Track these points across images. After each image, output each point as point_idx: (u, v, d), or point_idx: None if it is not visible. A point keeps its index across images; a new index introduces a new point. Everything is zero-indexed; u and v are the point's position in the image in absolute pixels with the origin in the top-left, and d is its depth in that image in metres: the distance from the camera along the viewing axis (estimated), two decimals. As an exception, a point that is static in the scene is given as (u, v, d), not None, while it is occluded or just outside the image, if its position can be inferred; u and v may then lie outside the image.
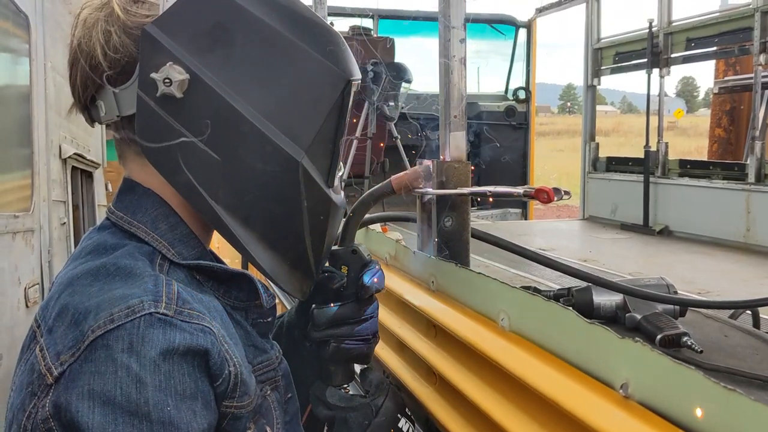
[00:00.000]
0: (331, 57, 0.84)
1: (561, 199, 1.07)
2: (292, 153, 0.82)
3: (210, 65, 0.80)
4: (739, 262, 3.11)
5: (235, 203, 0.83)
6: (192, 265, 0.84)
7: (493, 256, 2.77)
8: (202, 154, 0.81)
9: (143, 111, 0.81)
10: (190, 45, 0.80)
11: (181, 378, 0.71)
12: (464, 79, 1.22)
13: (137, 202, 0.86)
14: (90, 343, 0.70)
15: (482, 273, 1.05)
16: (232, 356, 0.77)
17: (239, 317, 0.88)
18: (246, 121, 0.80)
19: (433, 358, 1.19)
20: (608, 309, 1.52)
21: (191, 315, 0.75)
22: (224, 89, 0.80)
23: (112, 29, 0.82)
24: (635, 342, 0.68)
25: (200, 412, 0.72)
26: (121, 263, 0.78)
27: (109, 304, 0.72)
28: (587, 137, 4.61)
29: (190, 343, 0.72)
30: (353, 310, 1.06)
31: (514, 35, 5.91)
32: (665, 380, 0.63)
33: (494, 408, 0.96)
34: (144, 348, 0.70)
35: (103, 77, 0.83)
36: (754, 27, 3.39)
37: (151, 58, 0.80)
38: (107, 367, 0.69)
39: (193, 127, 0.80)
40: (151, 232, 0.84)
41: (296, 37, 0.83)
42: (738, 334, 1.60)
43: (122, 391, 0.68)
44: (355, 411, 1.05)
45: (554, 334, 0.84)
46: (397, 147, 4.90)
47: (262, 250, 0.85)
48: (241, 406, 0.79)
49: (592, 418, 0.72)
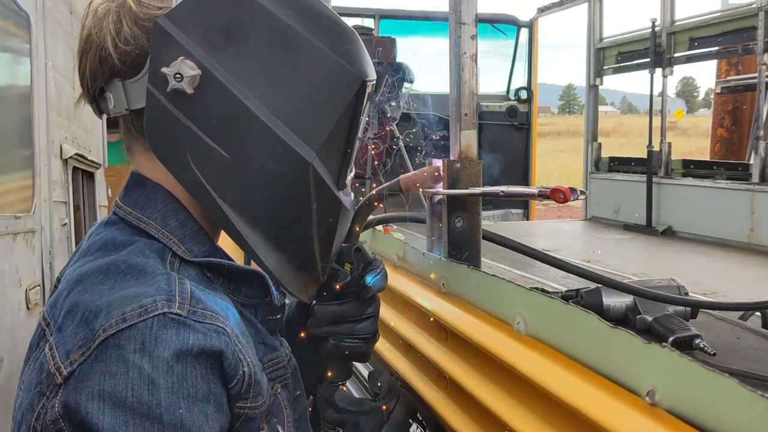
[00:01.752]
0: (346, 56, 0.82)
1: (577, 198, 1.05)
2: (303, 154, 0.80)
3: (222, 61, 0.78)
4: (744, 263, 3.10)
5: (243, 203, 0.81)
6: (203, 263, 0.82)
7: (497, 257, 2.75)
8: (211, 152, 0.79)
9: (153, 105, 0.79)
10: (202, 40, 0.78)
11: (194, 380, 0.69)
12: (475, 77, 1.20)
13: (146, 197, 0.84)
14: (101, 342, 0.68)
15: (496, 275, 1.03)
16: (246, 356, 0.75)
17: (249, 314, 0.87)
18: (257, 120, 0.79)
19: (443, 361, 1.17)
20: (618, 311, 1.50)
21: (205, 315, 0.73)
22: (236, 86, 0.78)
23: (123, 20, 0.80)
24: (662, 347, 0.65)
25: (212, 415, 0.70)
26: (133, 261, 0.76)
27: (121, 303, 0.70)
28: (589, 137, 4.60)
29: (204, 344, 0.70)
30: (354, 309, 1.05)
31: (515, 35, 5.89)
32: (695, 387, 0.61)
33: (509, 414, 0.94)
34: (157, 349, 0.68)
35: (113, 69, 0.82)
36: (757, 26, 3.38)
37: (162, 52, 0.78)
38: (119, 367, 0.67)
39: (203, 123, 0.79)
40: (162, 229, 0.82)
41: (312, 35, 0.81)
42: (750, 336, 1.58)
43: (134, 392, 0.66)
44: (367, 415, 1.05)
45: (575, 339, 0.82)
46: (399, 147, 4.88)
47: (269, 251, 0.84)
48: (255, 407, 0.77)
49: (616, 426, 0.69)
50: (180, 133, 0.79)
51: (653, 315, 1.44)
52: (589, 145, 4.58)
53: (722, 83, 7.06)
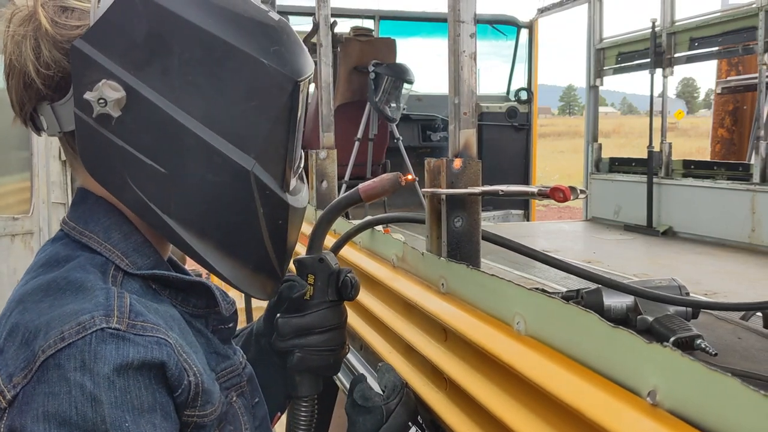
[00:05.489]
0: (276, 58, 0.80)
1: (577, 197, 1.04)
2: (242, 162, 0.80)
3: (147, 78, 0.77)
4: (745, 263, 3.09)
5: (188, 216, 0.81)
6: (147, 275, 0.82)
7: (496, 258, 2.75)
8: (148, 170, 0.78)
9: (83, 130, 0.78)
10: (124, 59, 0.77)
11: (138, 392, 0.70)
12: (474, 76, 1.19)
13: (89, 211, 0.84)
14: (42, 363, 0.69)
15: (495, 275, 1.02)
16: (192, 365, 0.76)
17: (199, 325, 0.87)
18: (190, 134, 0.78)
19: (443, 362, 1.16)
20: (619, 311, 1.49)
21: (145, 327, 0.73)
22: (165, 102, 0.77)
23: (42, 45, 0.78)
24: (664, 347, 0.65)
25: (160, 425, 0.71)
26: (72, 277, 0.76)
27: (60, 322, 0.71)
28: (590, 138, 4.58)
29: (145, 356, 0.71)
30: (318, 320, 1.05)
31: (515, 36, 5.88)
32: (698, 387, 0.60)
33: (509, 415, 0.93)
34: (97, 365, 0.68)
35: (39, 93, 0.80)
36: (758, 26, 3.37)
37: (84, 76, 0.76)
38: (61, 387, 0.68)
39: (137, 142, 0.78)
40: (104, 242, 0.81)
41: (236, 41, 0.79)
42: (752, 336, 1.57)
43: (78, 411, 0.67)
44: (368, 414, 1.05)
45: (575, 339, 0.81)
46: (399, 148, 4.87)
47: (221, 259, 0.83)
48: (204, 415, 0.78)
49: (617, 427, 0.69)
50: (115, 155, 0.78)
51: (654, 315, 1.43)
52: (589, 145, 4.57)
53: (723, 83, 7.05)
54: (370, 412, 1.05)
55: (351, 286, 1.06)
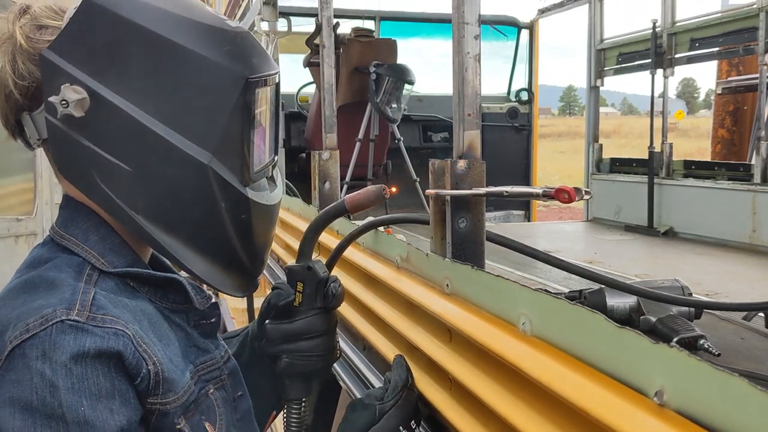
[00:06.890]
0: (228, 57, 0.86)
1: (582, 198, 1.05)
2: (199, 157, 0.85)
3: (108, 82, 0.83)
4: (746, 263, 3.10)
5: (154, 212, 0.86)
6: (121, 273, 0.87)
7: (499, 259, 2.75)
8: (115, 168, 0.84)
9: (53, 133, 0.85)
10: (87, 65, 0.84)
11: (96, 379, 0.75)
12: (478, 77, 1.19)
13: (70, 216, 0.90)
14: (9, 353, 0.75)
15: (501, 276, 1.02)
16: (151, 356, 0.81)
17: (179, 320, 0.92)
18: (150, 132, 0.83)
19: (447, 362, 1.16)
20: (622, 311, 1.49)
21: (105, 320, 0.79)
22: (125, 103, 0.83)
23: (17, 58, 0.86)
24: (670, 347, 0.65)
25: (118, 410, 0.76)
26: (46, 275, 0.83)
27: (27, 315, 0.77)
28: (590, 138, 4.59)
29: (101, 346, 0.76)
30: (306, 327, 1.09)
31: (516, 37, 5.89)
32: (704, 387, 0.61)
33: (515, 415, 0.93)
34: (55, 354, 0.74)
35: (18, 104, 0.87)
36: (759, 27, 3.38)
37: (51, 82, 0.83)
38: (24, 374, 0.74)
39: (102, 142, 0.84)
40: (82, 244, 0.88)
41: (189, 44, 0.85)
42: (754, 336, 1.58)
43: (38, 396, 0.73)
44: (362, 410, 1.07)
45: (581, 339, 0.81)
46: (400, 149, 4.87)
47: (190, 254, 0.89)
48: (166, 402, 0.82)
49: (624, 427, 0.69)
50: (83, 155, 0.85)
51: (657, 316, 1.44)
52: (590, 146, 4.57)
53: (723, 84, 7.06)
54: (366, 409, 1.06)
55: (333, 296, 1.10)
